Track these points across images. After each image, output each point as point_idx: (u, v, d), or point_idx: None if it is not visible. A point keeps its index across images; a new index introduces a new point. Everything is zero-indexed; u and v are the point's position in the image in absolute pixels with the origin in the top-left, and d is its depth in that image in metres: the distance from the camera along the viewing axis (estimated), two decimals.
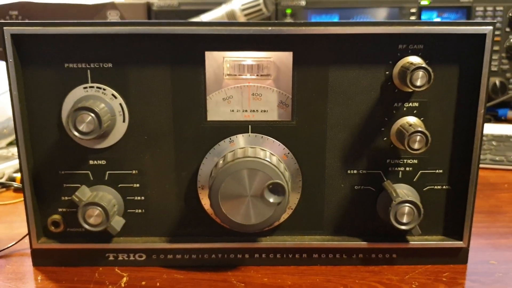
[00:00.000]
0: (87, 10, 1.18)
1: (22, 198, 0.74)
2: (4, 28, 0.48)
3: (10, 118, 0.92)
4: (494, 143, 0.93)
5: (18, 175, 0.78)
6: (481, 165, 0.85)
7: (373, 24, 0.49)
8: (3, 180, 0.79)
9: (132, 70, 0.51)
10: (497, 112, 1.15)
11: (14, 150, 0.89)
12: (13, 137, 0.92)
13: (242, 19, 1.03)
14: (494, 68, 1.13)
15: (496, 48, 1.12)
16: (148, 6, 1.21)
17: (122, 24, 0.49)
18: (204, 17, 1.05)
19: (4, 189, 0.79)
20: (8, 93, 0.90)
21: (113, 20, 0.53)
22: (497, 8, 1.11)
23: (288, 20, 1.21)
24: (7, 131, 0.91)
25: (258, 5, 1.02)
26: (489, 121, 1.11)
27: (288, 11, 1.21)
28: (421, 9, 1.16)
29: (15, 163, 0.83)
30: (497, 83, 1.12)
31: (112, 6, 1.19)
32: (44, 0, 1.18)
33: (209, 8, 1.07)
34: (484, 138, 0.95)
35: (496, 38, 1.12)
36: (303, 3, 1.21)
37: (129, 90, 0.51)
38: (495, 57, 1.12)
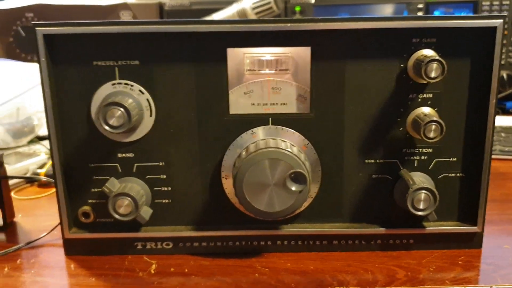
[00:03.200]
0: (100, 11, 1.21)
1: (46, 193, 0.77)
2: (36, 28, 0.51)
3: (30, 117, 0.94)
4: (503, 134, 0.95)
5: (41, 171, 0.81)
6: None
7: (388, 19, 0.51)
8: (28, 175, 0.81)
9: (158, 67, 0.53)
10: (505, 104, 1.17)
11: (35, 147, 0.92)
12: (33, 135, 0.95)
13: (253, 17, 1.05)
14: (502, 62, 1.14)
15: (503, 41, 1.13)
16: (160, 6, 1.23)
17: (148, 23, 0.52)
18: (216, 16, 1.07)
19: (28, 184, 0.81)
20: (27, 93, 0.93)
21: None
22: (504, 2, 1.13)
23: (297, 17, 1.24)
24: (28, 130, 0.93)
25: (269, 3, 1.05)
26: (497, 113, 1.13)
27: (297, 8, 1.23)
28: (428, 4, 1.18)
29: (38, 159, 0.86)
30: (505, 76, 1.13)
31: (125, 6, 1.22)
32: (59, 2, 1.21)
33: (220, 7, 1.09)
34: None
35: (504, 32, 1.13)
36: (312, 0, 1.23)
37: (156, 86, 0.54)
38: (502, 50, 1.14)
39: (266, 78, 0.55)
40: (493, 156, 0.87)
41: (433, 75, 0.50)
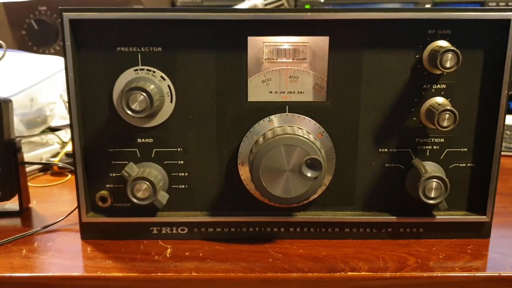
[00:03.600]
0: (113, 4, 1.22)
1: (59, 182, 0.78)
2: (63, 13, 0.52)
3: (42, 108, 0.96)
4: (508, 132, 0.96)
5: (55, 159, 0.82)
6: None
7: (405, 10, 0.53)
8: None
9: (180, 54, 0.54)
10: (509, 104, 1.18)
11: (47, 137, 0.93)
12: (45, 126, 0.96)
13: None
14: None
15: None
16: (172, 2, 1.25)
17: (172, 10, 0.53)
18: None
19: (41, 173, 0.83)
20: (40, 85, 0.94)
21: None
22: (510, 4, 1.15)
23: None
24: (40, 120, 0.94)
25: (280, 0, 1.06)
26: None
27: (307, 6, 1.24)
28: (436, 4, 1.19)
29: (51, 148, 0.87)
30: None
31: (137, 1, 1.23)
32: None
33: (232, 4, 1.11)
34: None
35: None
36: None
37: (177, 72, 0.55)
38: None
39: (284, 67, 0.56)
40: None
41: (448, 65, 0.51)
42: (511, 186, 0.76)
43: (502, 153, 0.88)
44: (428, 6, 1.17)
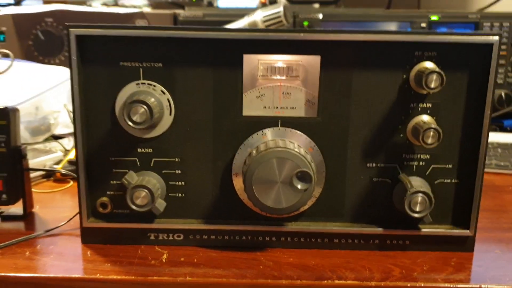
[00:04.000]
0: (117, 18, 1.25)
1: (62, 188, 0.81)
2: (70, 29, 0.55)
3: (47, 117, 0.99)
4: (499, 150, 0.99)
5: (58, 167, 0.85)
6: (487, 170, 0.92)
7: (393, 32, 0.56)
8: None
9: (179, 69, 0.57)
10: (502, 122, 1.21)
11: (51, 145, 0.96)
12: (49, 134, 0.99)
13: None
14: (500, 81, 1.19)
15: (502, 62, 1.18)
16: (175, 16, 1.28)
17: (172, 29, 0.56)
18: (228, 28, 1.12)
19: (45, 179, 0.85)
20: (45, 94, 0.97)
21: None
22: (504, 24, 1.18)
23: None
24: (44, 128, 0.97)
25: (279, 17, 1.09)
26: (495, 130, 1.17)
27: (305, 23, 1.28)
28: (431, 24, 1.22)
29: (54, 156, 0.90)
30: (503, 95, 1.18)
31: (141, 15, 1.27)
32: (78, 9, 1.26)
33: (232, 20, 1.14)
34: (490, 145, 1.01)
35: (502, 53, 1.18)
36: (320, 16, 1.28)
37: (176, 87, 0.58)
38: (501, 70, 1.18)
39: (277, 83, 0.59)
40: (489, 170, 0.91)
41: (432, 85, 0.54)
42: (500, 203, 0.78)
43: (493, 170, 0.91)
44: (423, 25, 1.21)
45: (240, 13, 1.18)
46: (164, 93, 0.58)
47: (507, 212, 0.75)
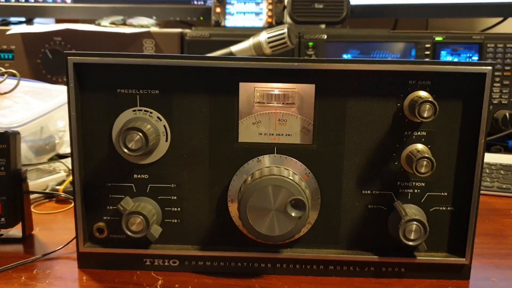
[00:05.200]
0: (125, 38, 1.27)
1: (63, 209, 0.82)
2: (68, 57, 0.57)
3: (52, 136, 1.00)
4: (502, 172, 0.98)
5: (60, 187, 0.86)
6: (488, 192, 0.91)
7: (387, 62, 0.56)
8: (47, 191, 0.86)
9: (175, 96, 0.58)
10: (507, 143, 1.20)
11: (55, 164, 0.97)
12: (54, 153, 1.00)
13: (268, 50, 1.11)
14: (504, 101, 1.19)
15: (506, 82, 1.18)
16: (181, 36, 1.30)
17: (168, 57, 0.57)
18: (233, 49, 1.13)
19: (47, 200, 0.86)
20: (50, 114, 0.98)
21: (149, 52, 0.60)
22: (508, 45, 1.18)
23: (310, 52, 1.29)
24: (49, 147, 0.99)
25: (283, 38, 1.10)
26: (499, 151, 1.17)
27: (310, 44, 1.29)
28: (435, 44, 1.23)
29: (57, 176, 0.91)
30: (507, 115, 1.17)
31: (148, 35, 1.28)
32: (86, 28, 1.28)
33: (238, 40, 1.15)
34: (493, 167, 1.00)
35: (506, 73, 1.18)
36: (324, 37, 1.29)
37: (173, 114, 0.59)
38: (505, 90, 1.18)
39: (273, 110, 0.59)
40: (490, 193, 0.91)
41: (425, 115, 0.54)
42: (499, 227, 0.78)
43: (494, 193, 0.91)
44: (428, 46, 1.21)
45: (246, 32, 1.20)
46: (160, 119, 0.59)
47: (506, 237, 0.74)
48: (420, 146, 0.58)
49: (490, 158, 1.06)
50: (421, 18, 1.63)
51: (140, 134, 0.55)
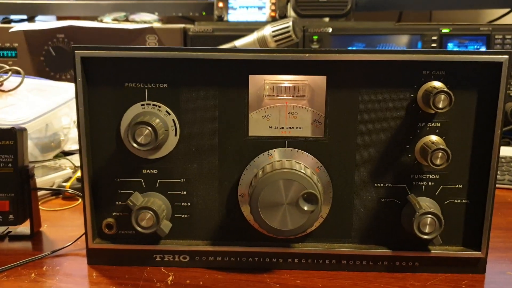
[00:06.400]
0: (128, 34, 1.26)
1: (70, 206, 0.81)
2: (75, 51, 0.56)
3: (57, 133, 0.99)
4: None
5: (66, 184, 0.85)
6: (499, 186, 0.90)
7: (400, 52, 0.55)
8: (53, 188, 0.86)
9: (184, 90, 0.57)
10: None
11: (60, 162, 0.96)
12: (59, 150, 0.99)
13: (272, 44, 1.10)
14: None
15: None
16: (184, 31, 1.28)
17: (177, 50, 0.56)
18: (237, 43, 1.12)
19: (53, 197, 0.86)
20: (55, 111, 0.97)
21: (152, 45, 0.59)
22: None
23: (315, 45, 1.28)
24: (54, 145, 0.98)
25: (288, 31, 1.09)
26: (508, 144, 1.15)
27: (315, 37, 1.27)
28: (442, 36, 1.21)
29: (64, 173, 0.90)
30: None
31: (151, 30, 1.27)
32: (89, 25, 1.27)
33: (241, 34, 1.14)
34: (503, 160, 0.99)
35: None
36: (329, 30, 1.27)
37: (181, 107, 0.58)
38: None
39: (284, 103, 0.58)
40: (502, 186, 0.90)
41: (441, 105, 0.53)
42: (511, 221, 0.77)
43: (506, 186, 0.90)
44: (434, 38, 1.20)
45: (250, 27, 1.19)
46: (169, 113, 0.58)
47: None
48: (434, 138, 0.57)
49: (500, 151, 1.04)
50: (426, 10, 1.61)
51: (149, 128, 0.55)
